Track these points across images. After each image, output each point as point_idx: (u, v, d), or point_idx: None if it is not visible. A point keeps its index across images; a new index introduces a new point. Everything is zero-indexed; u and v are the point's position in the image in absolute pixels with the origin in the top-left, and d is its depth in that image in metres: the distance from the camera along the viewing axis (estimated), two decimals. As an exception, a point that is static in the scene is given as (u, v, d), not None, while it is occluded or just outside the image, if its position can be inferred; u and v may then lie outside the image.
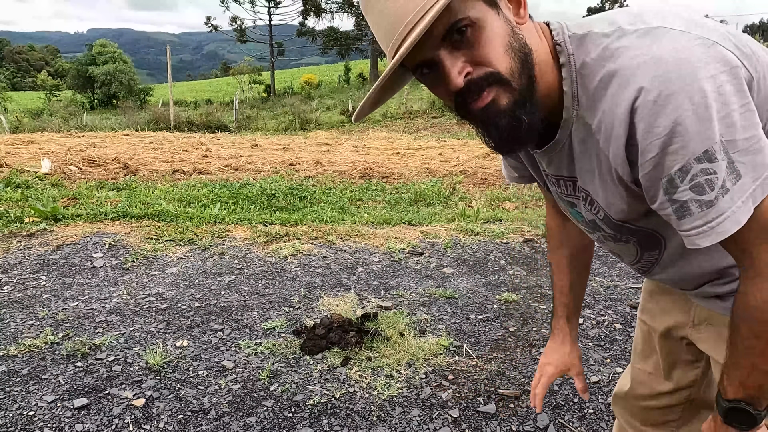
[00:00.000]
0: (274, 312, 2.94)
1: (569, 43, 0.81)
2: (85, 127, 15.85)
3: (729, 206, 0.71)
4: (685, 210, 0.74)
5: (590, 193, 0.90)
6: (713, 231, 0.73)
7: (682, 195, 0.73)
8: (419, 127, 17.94)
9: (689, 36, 0.73)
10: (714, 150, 0.69)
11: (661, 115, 0.70)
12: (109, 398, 2.14)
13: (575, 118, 0.83)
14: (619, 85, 0.74)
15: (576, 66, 0.80)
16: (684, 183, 0.72)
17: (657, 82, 0.70)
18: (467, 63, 0.76)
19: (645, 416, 1.25)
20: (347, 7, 38.91)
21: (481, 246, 4.04)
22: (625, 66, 0.73)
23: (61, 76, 47.25)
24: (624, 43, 0.75)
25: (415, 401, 2.16)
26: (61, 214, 4.38)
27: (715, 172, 0.70)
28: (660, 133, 0.71)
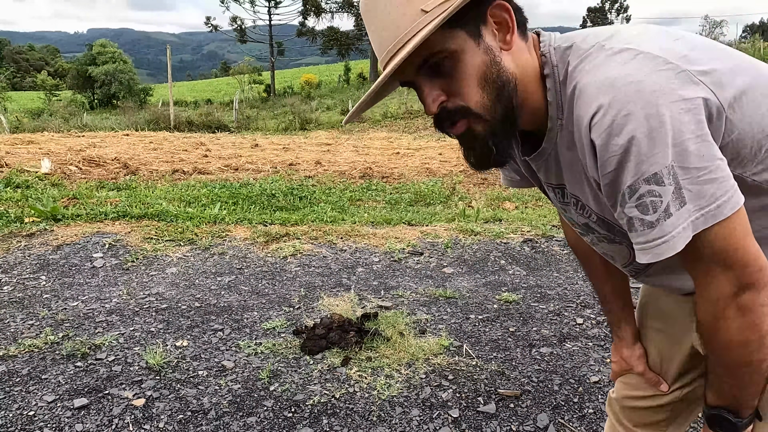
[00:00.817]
0: (274, 312, 2.94)
1: (553, 54, 0.84)
2: (85, 127, 15.85)
3: (669, 230, 0.74)
4: (631, 225, 0.78)
5: (580, 198, 0.93)
6: (651, 251, 0.76)
7: (629, 211, 0.76)
8: (419, 127, 17.94)
9: (659, 61, 0.75)
10: (662, 174, 0.72)
11: (617, 134, 0.72)
12: (109, 398, 2.14)
13: (560, 127, 0.86)
14: (584, 100, 0.77)
15: (559, 77, 0.83)
16: (631, 200, 0.75)
17: (616, 101, 0.72)
18: (442, 92, 0.82)
19: (635, 416, 1.25)
20: (347, 7, 38.91)
21: (481, 246, 4.04)
22: (591, 82, 0.77)
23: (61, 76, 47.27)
24: (597, 61, 0.78)
25: (415, 401, 2.16)
26: (61, 214, 4.38)
27: (660, 195, 0.73)
28: (616, 150, 0.73)
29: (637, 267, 1.02)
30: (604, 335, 2.73)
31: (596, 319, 2.91)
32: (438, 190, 6.74)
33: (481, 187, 7.20)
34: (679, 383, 1.18)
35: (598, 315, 2.95)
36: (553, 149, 0.89)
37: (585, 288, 3.31)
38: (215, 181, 6.82)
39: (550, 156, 0.91)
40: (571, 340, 2.67)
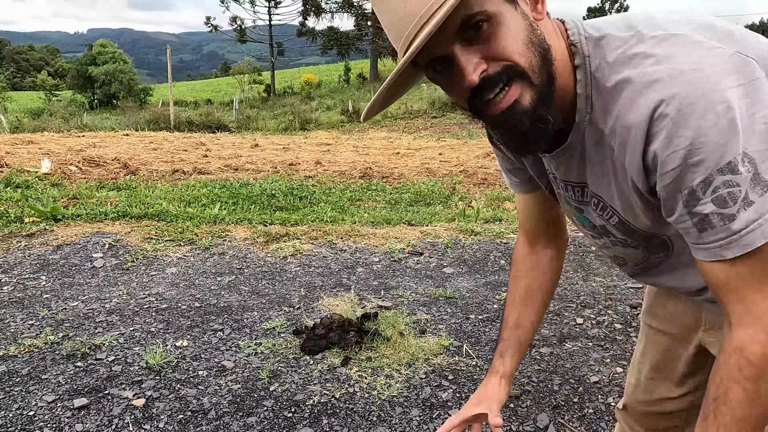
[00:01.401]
0: (274, 312, 2.94)
1: (585, 44, 0.78)
2: (85, 127, 15.85)
3: (754, 218, 0.69)
4: (706, 223, 0.71)
5: (603, 199, 0.87)
6: (737, 243, 0.70)
7: (704, 208, 0.70)
8: (419, 127, 17.94)
9: (708, 45, 0.71)
10: (737, 162, 0.67)
11: (682, 127, 0.68)
12: (109, 398, 2.14)
13: (588, 122, 0.80)
14: (635, 93, 0.72)
15: (591, 68, 0.77)
16: (706, 196, 0.69)
17: (678, 92, 0.68)
18: (483, 59, 0.72)
19: (648, 422, 1.24)
20: (347, 7, 38.89)
21: (481, 246, 4.04)
22: (643, 74, 0.71)
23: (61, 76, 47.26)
24: (641, 50, 0.73)
25: (415, 401, 2.16)
26: (61, 214, 4.38)
27: (738, 184, 0.68)
28: (681, 144, 0.68)
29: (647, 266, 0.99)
30: (604, 335, 2.73)
31: (596, 319, 2.91)
32: (438, 190, 6.74)
33: (481, 187, 7.20)
34: (688, 387, 1.16)
35: (598, 315, 2.95)
36: (580, 144, 0.83)
37: (585, 288, 3.31)
38: (215, 181, 6.82)
39: (575, 151, 0.85)
40: (571, 340, 2.67)
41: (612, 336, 2.72)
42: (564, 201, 0.98)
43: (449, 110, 20.42)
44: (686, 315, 1.13)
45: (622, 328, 2.80)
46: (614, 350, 2.58)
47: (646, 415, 1.24)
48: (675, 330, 1.17)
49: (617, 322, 2.87)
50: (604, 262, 3.76)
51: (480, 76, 0.72)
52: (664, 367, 1.19)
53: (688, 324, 1.13)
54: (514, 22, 0.72)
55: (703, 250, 0.74)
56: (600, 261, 3.77)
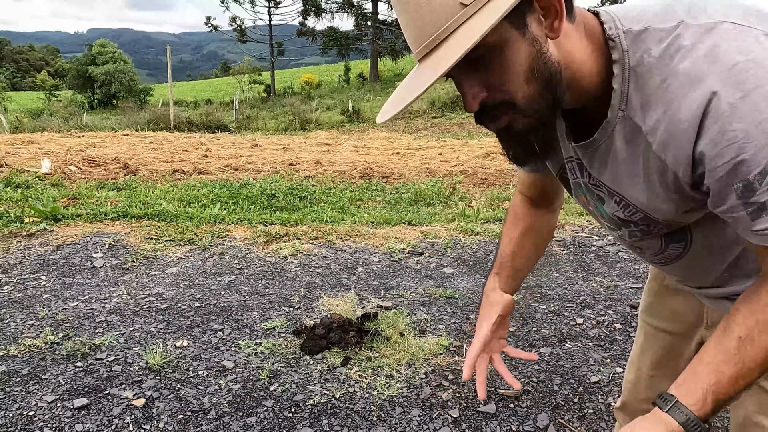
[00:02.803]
0: (274, 312, 2.94)
1: (624, 38, 0.76)
2: (85, 127, 15.84)
3: None
4: (762, 210, 0.71)
5: (625, 197, 0.87)
6: None
7: (760, 197, 0.70)
8: (419, 127, 17.94)
9: (756, 32, 0.69)
10: None
11: (736, 119, 0.67)
12: (109, 398, 2.14)
13: (621, 118, 0.79)
14: (685, 87, 0.70)
15: (630, 63, 0.75)
16: (763, 185, 0.69)
17: (730, 84, 0.67)
18: (483, 87, 0.75)
19: None
20: (347, 7, 38.89)
21: (481, 246, 4.04)
22: (693, 67, 0.70)
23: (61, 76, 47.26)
24: (688, 42, 0.71)
25: (415, 401, 2.16)
26: (61, 214, 4.38)
27: None
28: (735, 137, 0.67)
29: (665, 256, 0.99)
30: (604, 335, 2.73)
31: (596, 319, 2.91)
32: (438, 190, 6.74)
33: (481, 187, 7.20)
34: None
35: (599, 315, 2.95)
36: (606, 141, 0.82)
37: (585, 288, 3.31)
38: (215, 181, 6.82)
39: (599, 147, 0.84)
40: (571, 340, 2.67)
41: (612, 336, 2.72)
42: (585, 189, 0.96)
43: (449, 110, 20.42)
44: (688, 312, 1.13)
45: (622, 328, 2.80)
46: (614, 350, 2.58)
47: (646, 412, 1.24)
48: (676, 328, 1.17)
49: (617, 322, 2.87)
50: (604, 261, 3.76)
51: (479, 103, 0.76)
52: (666, 365, 1.19)
53: (690, 321, 1.13)
54: (517, 52, 0.72)
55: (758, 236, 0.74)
56: (600, 261, 3.77)
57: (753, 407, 0.97)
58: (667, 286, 1.20)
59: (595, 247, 4.03)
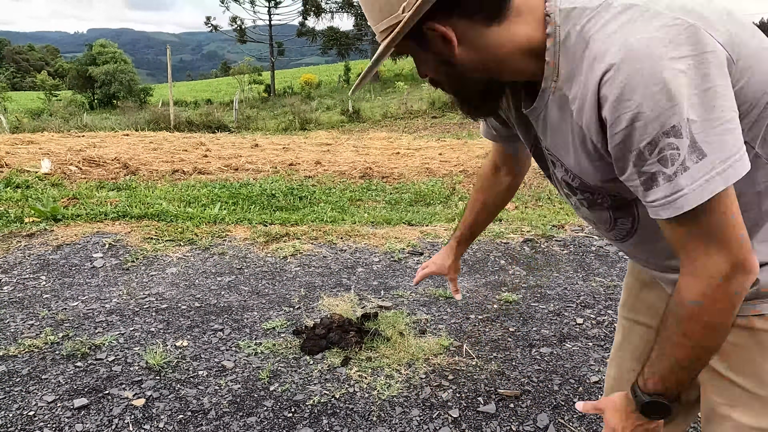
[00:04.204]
0: (274, 312, 2.94)
1: (557, 15, 0.83)
2: (85, 127, 15.83)
3: (687, 183, 0.74)
4: (653, 181, 0.77)
5: (564, 163, 0.94)
6: (671, 205, 0.76)
7: (651, 167, 0.76)
8: (419, 127, 17.93)
9: (667, 16, 0.75)
10: (680, 126, 0.72)
11: (630, 90, 0.73)
12: (109, 398, 2.14)
13: (553, 89, 0.86)
14: (593, 59, 0.77)
15: (560, 38, 0.83)
16: (653, 156, 0.75)
17: (628, 58, 0.73)
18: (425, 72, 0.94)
19: None
20: (347, 7, 38.90)
21: (481, 246, 4.04)
22: (601, 41, 0.77)
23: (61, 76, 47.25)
24: (604, 19, 0.78)
25: (415, 401, 2.16)
26: (61, 214, 4.38)
27: (678, 148, 0.73)
28: (629, 106, 0.73)
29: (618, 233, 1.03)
30: (604, 335, 2.73)
31: (596, 319, 2.91)
32: (438, 190, 6.74)
33: (481, 187, 7.19)
34: None
35: (599, 315, 2.95)
36: (544, 109, 0.90)
37: (585, 288, 3.31)
38: (215, 181, 6.82)
39: (539, 115, 0.92)
40: (571, 340, 2.67)
41: (612, 336, 2.72)
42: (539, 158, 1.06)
43: (449, 110, 20.41)
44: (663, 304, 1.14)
45: (622, 328, 2.80)
46: (614, 350, 2.58)
47: None
48: (651, 321, 1.19)
49: (617, 322, 2.87)
50: (604, 261, 3.76)
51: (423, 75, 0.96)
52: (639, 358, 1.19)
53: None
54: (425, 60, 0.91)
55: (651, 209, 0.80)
56: (600, 261, 3.77)
57: (719, 399, 0.98)
58: (642, 280, 1.22)
59: (595, 247, 4.03)
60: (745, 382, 0.93)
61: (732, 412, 0.96)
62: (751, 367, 0.92)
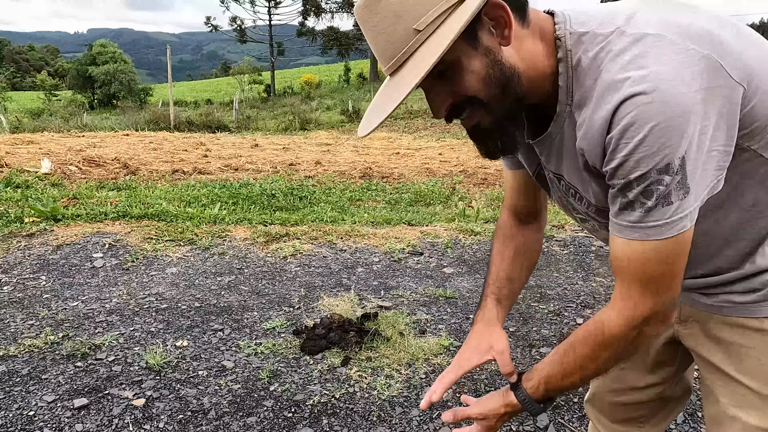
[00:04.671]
0: (274, 312, 2.94)
1: (569, 39, 0.82)
2: (85, 127, 15.84)
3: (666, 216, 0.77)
4: (629, 206, 0.79)
5: (578, 190, 0.93)
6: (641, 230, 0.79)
7: (632, 195, 0.78)
8: (419, 127, 17.94)
9: (679, 47, 0.74)
10: (674, 165, 0.73)
11: (636, 123, 0.73)
12: (109, 398, 2.14)
13: (568, 114, 0.85)
14: (605, 89, 0.77)
15: (572, 63, 0.82)
16: (639, 187, 0.76)
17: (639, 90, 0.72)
18: (449, 95, 0.84)
19: (614, 413, 1.26)
20: (347, 7, 38.89)
21: (481, 246, 4.04)
22: (614, 71, 0.76)
23: (61, 76, 47.27)
24: (617, 48, 0.77)
25: (415, 401, 2.16)
26: (61, 214, 4.38)
27: (666, 183, 0.75)
28: (631, 138, 0.74)
29: None
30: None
31: (596, 319, 2.91)
32: (438, 190, 6.74)
33: (481, 187, 7.20)
34: (658, 377, 1.18)
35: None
36: (559, 135, 0.89)
37: (585, 288, 3.31)
38: (215, 181, 6.82)
39: (554, 141, 0.90)
40: (571, 340, 2.67)
41: (612, 336, 2.72)
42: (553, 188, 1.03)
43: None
44: None
45: (622, 328, 2.80)
46: (614, 350, 2.58)
47: (614, 405, 1.26)
48: None
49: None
50: (604, 261, 3.76)
51: (447, 110, 0.85)
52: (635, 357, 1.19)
53: None
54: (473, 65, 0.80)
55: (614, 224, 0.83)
56: (600, 261, 3.77)
57: (727, 400, 0.98)
58: None
59: (595, 247, 4.03)
60: (755, 384, 0.93)
61: (741, 414, 0.95)
62: (761, 369, 0.92)
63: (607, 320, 0.87)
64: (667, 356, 1.15)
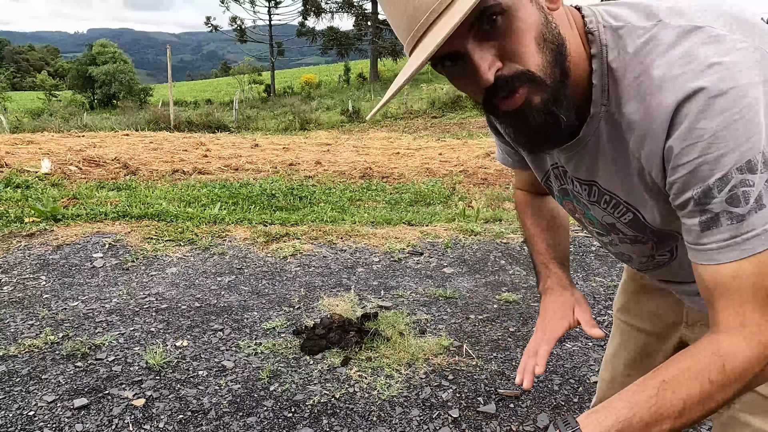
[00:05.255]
0: (274, 312, 2.94)
1: (603, 33, 0.75)
2: (85, 127, 15.83)
3: (762, 223, 0.66)
4: (713, 222, 0.68)
5: (616, 195, 0.84)
6: (738, 246, 0.67)
7: (715, 207, 0.67)
8: (419, 127, 17.94)
9: (733, 39, 0.68)
10: (757, 160, 0.65)
11: (705, 119, 0.65)
12: (109, 398, 2.14)
13: (604, 114, 0.77)
14: (658, 86, 0.69)
15: (608, 59, 0.74)
16: (722, 194, 0.66)
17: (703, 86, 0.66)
18: (497, 57, 0.69)
19: None
20: (347, 7, 38.90)
21: (481, 246, 4.04)
22: (667, 66, 0.69)
23: (61, 76, 47.25)
24: (664, 40, 0.70)
25: (415, 401, 2.16)
26: (61, 214, 4.38)
27: (753, 184, 0.65)
28: (701, 136, 0.66)
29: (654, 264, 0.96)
30: (604, 335, 2.73)
31: (596, 319, 2.91)
32: (438, 190, 6.74)
33: (481, 187, 7.20)
34: None
35: (599, 315, 2.95)
36: (593, 138, 0.80)
37: (585, 288, 3.31)
38: (215, 181, 6.82)
39: (587, 145, 0.81)
40: (571, 340, 2.67)
41: (612, 336, 2.72)
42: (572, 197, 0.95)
43: (449, 110, 20.42)
44: (668, 312, 1.12)
45: (622, 328, 2.80)
46: (614, 350, 2.58)
47: None
48: (654, 327, 1.16)
49: (613, 323, 2.87)
50: (604, 261, 3.75)
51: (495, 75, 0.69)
52: (641, 364, 1.19)
53: (669, 321, 1.12)
54: (529, 15, 0.68)
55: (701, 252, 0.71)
56: (600, 261, 3.77)
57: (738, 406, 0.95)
58: (644, 285, 1.18)
59: (595, 247, 4.03)
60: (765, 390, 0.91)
61: (752, 420, 0.93)
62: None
63: (731, 352, 0.69)
64: None
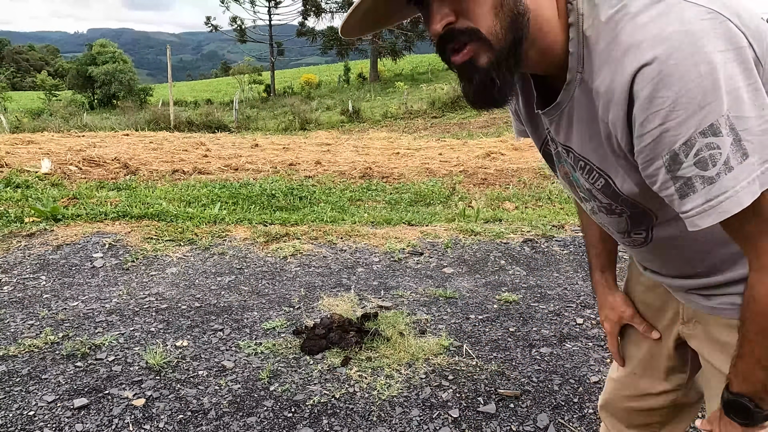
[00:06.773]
0: (274, 312, 2.94)
1: (580, 2, 0.78)
2: (85, 127, 15.84)
3: (732, 185, 0.68)
4: (689, 187, 0.71)
5: (590, 161, 0.87)
6: (714, 210, 0.70)
7: (686, 171, 0.70)
8: (419, 127, 17.94)
9: (700, 9, 0.70)
10: (719, 124, 0.67)
11: (665, 86, 0.67)
12: (109, 398, 2.14)
13: (579, 82, 0.80)
14: (623, 52, 0.72)
15: (584, 27, 0.77)
16: (689, 158, 0.69)
17: (662, 53, 0.68)
18: (452, 12, 0.76)
19: (629, 418, 1.25)
20: (347, 7, 38.89)
21: (481, 246, 4.04)
22: (632, 33, 0.71)
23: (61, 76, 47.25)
24: (634, 9, 0.73)
25: (415, 401, 2.16)
26: (61, 214, 4.38)
27: (719, 147, 0.67)
28: (662, 104, 0.68)
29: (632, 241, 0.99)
30: (604, 335, 2.73)
31: (596, 319, 2.91)
32: (438, 190, 6.74)
33: (481, 187, 7.20)
34: (672, 383, 1.18)
35: (598, 315, 2.95)
36: (569, 104, 0.83)
37: (585, 288, 3.31)
38: (215, 181, 6.82)
39: (564, 111, 0.85)
40: (571, 340, 2.67)
41: (612, 336, 2.72)
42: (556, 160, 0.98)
43: (449, 110, 20.42)
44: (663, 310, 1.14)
45: (622, 328, 2.80)
46: (614, 350, 2.58)
47: (628, 411, 1.25)
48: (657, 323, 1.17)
49: (617, 322, 2.87)
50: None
51: (444, 28, 0.76)
52: (647, 363, 1.19)
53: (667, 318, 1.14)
54: None
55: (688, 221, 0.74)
56: (600, 261, 3.76)
57: None
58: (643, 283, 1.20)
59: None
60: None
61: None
62: None
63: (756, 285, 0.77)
64: (679, 361, 1.15)
